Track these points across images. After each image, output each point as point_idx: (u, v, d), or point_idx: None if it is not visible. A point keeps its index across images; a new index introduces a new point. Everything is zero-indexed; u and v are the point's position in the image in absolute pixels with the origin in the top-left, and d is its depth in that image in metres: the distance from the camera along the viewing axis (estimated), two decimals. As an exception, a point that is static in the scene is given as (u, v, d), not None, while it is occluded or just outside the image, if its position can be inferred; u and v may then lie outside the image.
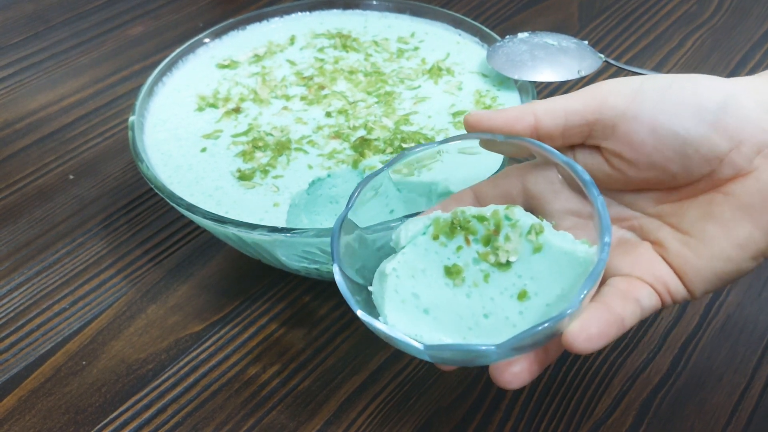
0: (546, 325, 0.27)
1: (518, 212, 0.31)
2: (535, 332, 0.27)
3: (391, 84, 0.54)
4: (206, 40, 0.58)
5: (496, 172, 0.44)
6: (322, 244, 0.41)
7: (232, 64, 0.57)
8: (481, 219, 0.32)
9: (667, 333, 0.48)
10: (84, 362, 0.48)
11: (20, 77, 0.73)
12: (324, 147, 0.49)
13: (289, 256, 0.43)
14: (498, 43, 0.56)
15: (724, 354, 0.47)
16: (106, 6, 0.84)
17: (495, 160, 0.46)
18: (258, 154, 0.49)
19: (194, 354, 0.48)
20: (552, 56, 0.55)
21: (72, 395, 0.46)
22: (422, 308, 0.32)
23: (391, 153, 0.47)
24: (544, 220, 0.32)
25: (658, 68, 0.72)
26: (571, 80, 0.58)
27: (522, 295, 0.31)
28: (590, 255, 0.30)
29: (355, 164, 0.47)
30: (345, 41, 0.59)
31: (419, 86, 0.54)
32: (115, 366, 0.47)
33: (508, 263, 0.31)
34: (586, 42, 0.58)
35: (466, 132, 0.35)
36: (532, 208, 0.35)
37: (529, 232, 0.31)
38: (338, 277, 0.32)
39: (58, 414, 0.45)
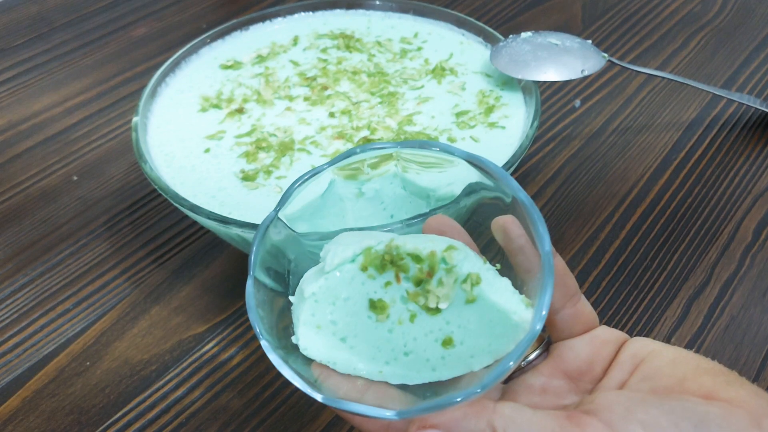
0: (459, 400, 0.25)
1: (457, 257, 0.29)
2: (445, 406, 0.25)
3: (395, 84, 0.54)
4: (209, 40, 0.58)
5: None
6: (325, 245, 0.41)
7: (235, 65, 0.57)
8: (417, 259, 0.29)
9: (670, 334, 0.48)
10: (88, 363, 0.48)
11: (24, 79, 0.74)
12: (327, 148, 0.49)
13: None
14: (501, 43, 0.56)
15: (728, 355, 0.47)
16: (110, 7, 0.84)
17: (502, 156, 0.46)
18: (261, 154, 0.48)
19: (198, 355, 0.48)
20: (555, 56, 0.55)
21: (76, 396, 0.46)
22: (339, 336, 0.30)
23: (395, 153, 0.47)
24: (487, 264, 0.29)
25: (662, 68, 0.72)
26: (575, 79, 0.58)
27: (447, 342, 0.29)
28: (524, 321, 0.28)
29: (358, 165, 0.47)
30: (348, 42, 0.59)
31: (422, 86, 0.54)
32: (118, 367, 0.47)
33: (438, 309, 0.29)
34: (590, 41, 0.58)
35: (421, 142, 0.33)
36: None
37: (464, 281, 0.29)
38: (249, 293, 0.29)
39: (62, 415, 0.45)
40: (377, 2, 0.62)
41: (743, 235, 0.55)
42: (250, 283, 0.29)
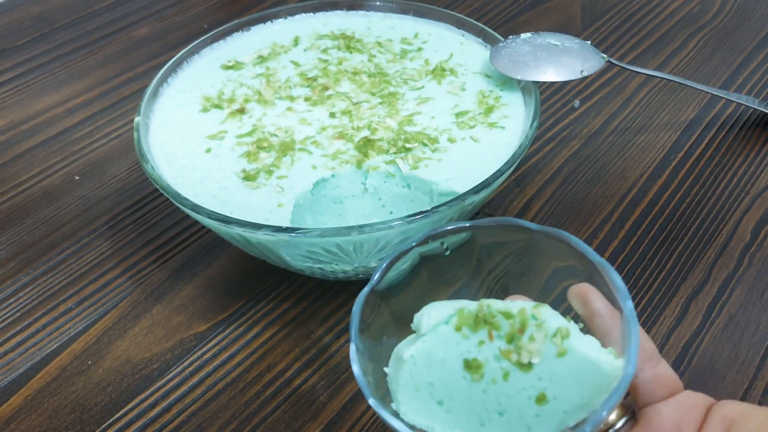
0: None
1: (545, 312, 0.31)
2: None
3: (395, 85, 0.55)
4: (210, 41, 0.59)
5: (502, 172, 0.44)
6: (326, 244, 0.41)
7: (236, 65, 0.57)
8: (507, 316, 0.31)
9: (669, 333, 0.48)
10: (89, 362, 0.48)
11: (26, 79, 0.74)
12: (328, 147, 0.49)
13: (294, 256, 0.43)
14: (501, 44, 0.56)
15: (726, 354, 0.47)
16: (112, 8, 0.85)
17: (502, 156, 0.46)
18: (262, 154, 0.49)
19: (199, 354, 0.48)
20: (555, 56, 0.55)
21: (78, 395, 0.46)
22: (437, 399, 0.31)
23: (395, 153, 0.48)
24: (572, 322, 0.31)
25: (661, 68, 0.73)
26: (574, 80, 0.58)
27: (541, 399, 0.30)
28: (615, 369, 0.29)
29: (358, 165, 0.47)
30: (349, 42, 0.59)
31: (422, 87, 0.54)
32: (120, 366, 0.48)
33: (530, 364, 0.30)
34: (589, 42, 0.58)
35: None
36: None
37: (554, 335, 0.30)
38: (355, 367, 0.31)
39: (63, 413, 0.45)
40: (377, 3, 0.62)
41: (742, 235, 0.55)
42: (353, 350, 0.31)
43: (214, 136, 0.51)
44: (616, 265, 0.53)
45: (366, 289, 0.33)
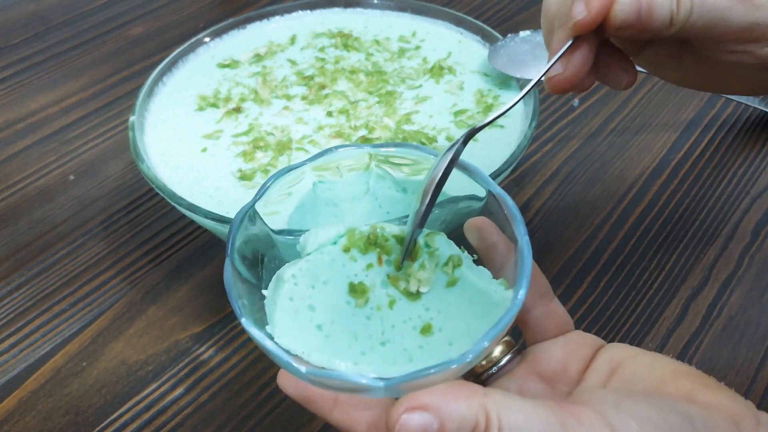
0: (435, 370, 0.24)
1: (439, 240, 0.29)
2: (427, 375, 0.24)
3: (393, 83, 0.54)
4: (207, 39, 0.58)
5: (500, 172, 0.43)
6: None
7: (232, 64, 0.57)
8: (400, 241, 0.29)
9: (669, 334, 0.48)
10: (84, 363, 0.47)
11: (20, 78, 0.73)
12: (325, 147, 0.49)
13: (290, 257, 0.43)
14: (499, 42, 0.56)
15: (726, 355, 0.47)
16: (107, 6, 0.84)
17: (500, 156, 0.46)
18: (259, 154, 0.48)
19: (194, 355, 0.48)
20: (554, 56, 0.55)
21: (72, 396, 0.46)
22: (316, 323, 0.28)
23: (392, 153, 0.47)
24: (465, 252, 0.30)
25: (660, 68, 0.72)
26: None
27: (425, 329, 0.28)
28: (504, 299, 0.28)
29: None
30: (346, 41, 0.59)
31: (420, 86, 0.54)
32: (115, 367, 0.47)
33: (418, 293, 0.29)
34: (588, 41, 0.58)
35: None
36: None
37: (446, 263, 0.29)
38: (228, 275, 0.28)
39: (58, 415, 0.45)
40: (375, 1, 0.62)
41: (741, 236, 0.55)
42: (228, 265, 0.28)
43: (210, 135, 0.50)
44: (615, 266, 0.53)
45: (249, 203, 0.30)
